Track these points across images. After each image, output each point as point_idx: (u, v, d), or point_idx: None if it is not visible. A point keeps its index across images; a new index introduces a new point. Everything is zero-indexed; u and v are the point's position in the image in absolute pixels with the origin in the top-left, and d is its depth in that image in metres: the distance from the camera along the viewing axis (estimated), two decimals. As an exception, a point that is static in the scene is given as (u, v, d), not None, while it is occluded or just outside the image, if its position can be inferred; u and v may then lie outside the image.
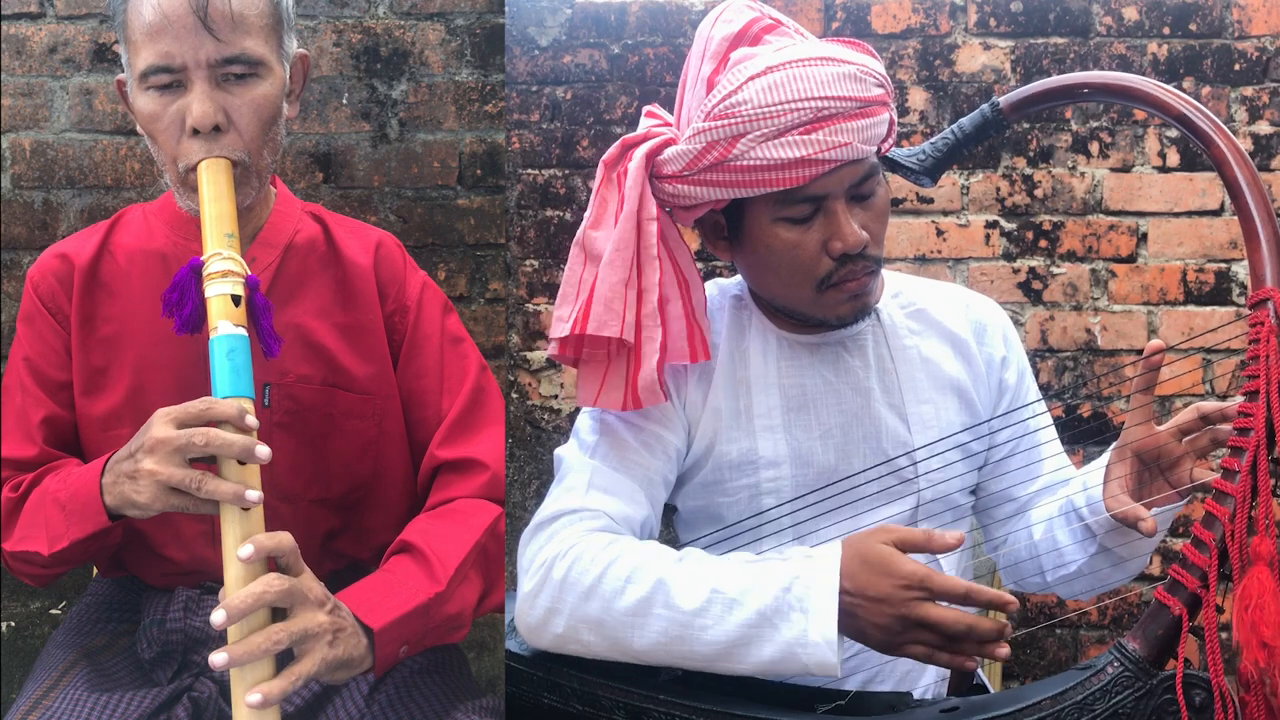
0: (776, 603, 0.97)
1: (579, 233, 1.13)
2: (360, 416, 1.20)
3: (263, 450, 0.95)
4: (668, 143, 1.11)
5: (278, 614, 0.96)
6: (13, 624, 1.80)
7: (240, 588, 0.93)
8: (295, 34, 1.17)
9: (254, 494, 0.94)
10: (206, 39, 1.05)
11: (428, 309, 1.24)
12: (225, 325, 0.98)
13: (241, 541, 0.93)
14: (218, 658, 0.90)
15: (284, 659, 0.96)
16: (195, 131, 1.07)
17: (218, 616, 0.90)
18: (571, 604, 1.03)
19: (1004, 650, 0.94)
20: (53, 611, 1.82)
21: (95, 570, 1.32)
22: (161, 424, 0.95)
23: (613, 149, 1.13)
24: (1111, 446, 1.08)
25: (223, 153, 1.08)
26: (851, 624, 0.97)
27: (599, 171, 1.13)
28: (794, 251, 1.10)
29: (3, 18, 1.78)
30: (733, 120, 1.04)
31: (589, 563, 1.04)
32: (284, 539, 0.95)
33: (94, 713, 1.10)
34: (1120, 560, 1.12)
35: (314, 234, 1.23)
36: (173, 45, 1.05)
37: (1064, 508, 1.15)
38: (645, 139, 1.12)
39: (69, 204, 1.81)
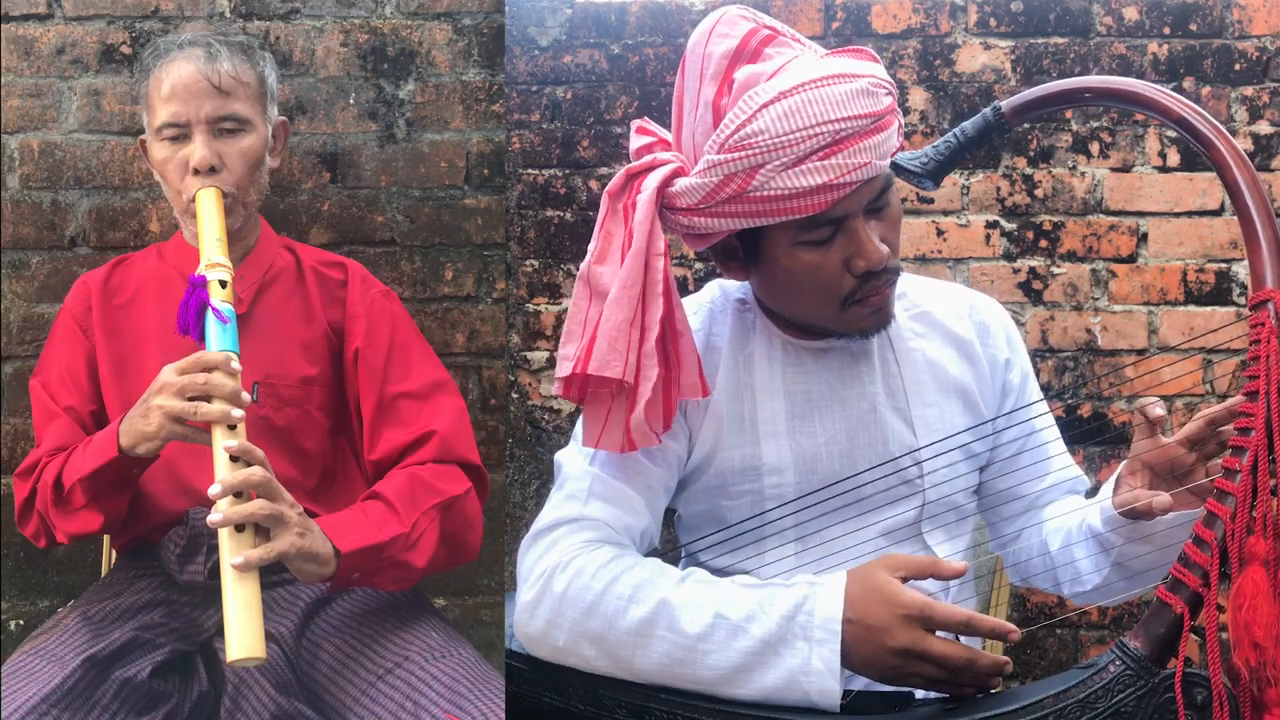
0: (780, 630, 0.97)
1: (583, 267, 1.11)
2: (325, 410, 1.45)
3: (245, 395, 1.19)
4: (677, 172, 1.08)
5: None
6: (21, 622, 1.81)
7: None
8: (277, 104, 1.50)
9: (238, 411, 1.17)
10: (206, 101, 1.38)
11: (380, 315, 1.47)
12: (215, 301, 1.25)
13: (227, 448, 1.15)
14: (214, 516, 1.10)
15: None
16: (196, 171, 1.38)
17: (215, 489, 1.11)
18: (572, 619, 1.03)
19: (998, 684, 0.96)
20: (59, 610, 1.82)
21: (103, 570, 1.34)
22: (167, 372, 1.20)
23: (616, 179, 1.11)
24: (1122, 464, 1.09)
25: (215, 185, 1.37)
26: (852, 653, 0.97)
27: (603, 203, 1.11)
28: (816, 273, 1.08)
29: (10, 19, 1.79)
30: (750, 152, 1.02)
31: (590, 578, 1.04)
32: (253, 471, 1.14)
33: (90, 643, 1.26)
34: (1134, 573, 1.12)
35: (288, 260, 1.51)
36: (180, 106, 1.38)
37: (1081, 528, 1.16)
38: (651, 168, 1.10)
39: (77, 204, 1.82)
